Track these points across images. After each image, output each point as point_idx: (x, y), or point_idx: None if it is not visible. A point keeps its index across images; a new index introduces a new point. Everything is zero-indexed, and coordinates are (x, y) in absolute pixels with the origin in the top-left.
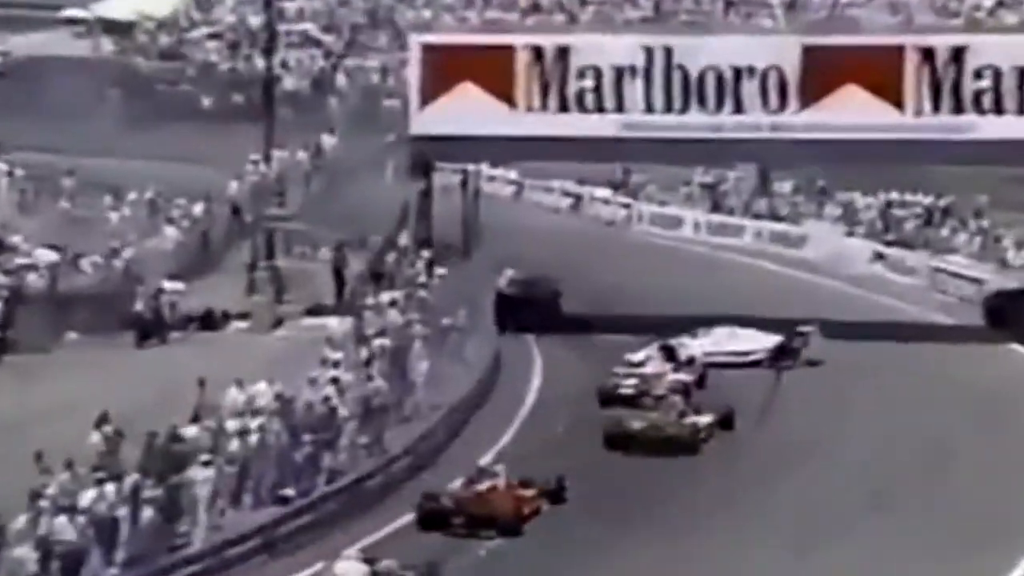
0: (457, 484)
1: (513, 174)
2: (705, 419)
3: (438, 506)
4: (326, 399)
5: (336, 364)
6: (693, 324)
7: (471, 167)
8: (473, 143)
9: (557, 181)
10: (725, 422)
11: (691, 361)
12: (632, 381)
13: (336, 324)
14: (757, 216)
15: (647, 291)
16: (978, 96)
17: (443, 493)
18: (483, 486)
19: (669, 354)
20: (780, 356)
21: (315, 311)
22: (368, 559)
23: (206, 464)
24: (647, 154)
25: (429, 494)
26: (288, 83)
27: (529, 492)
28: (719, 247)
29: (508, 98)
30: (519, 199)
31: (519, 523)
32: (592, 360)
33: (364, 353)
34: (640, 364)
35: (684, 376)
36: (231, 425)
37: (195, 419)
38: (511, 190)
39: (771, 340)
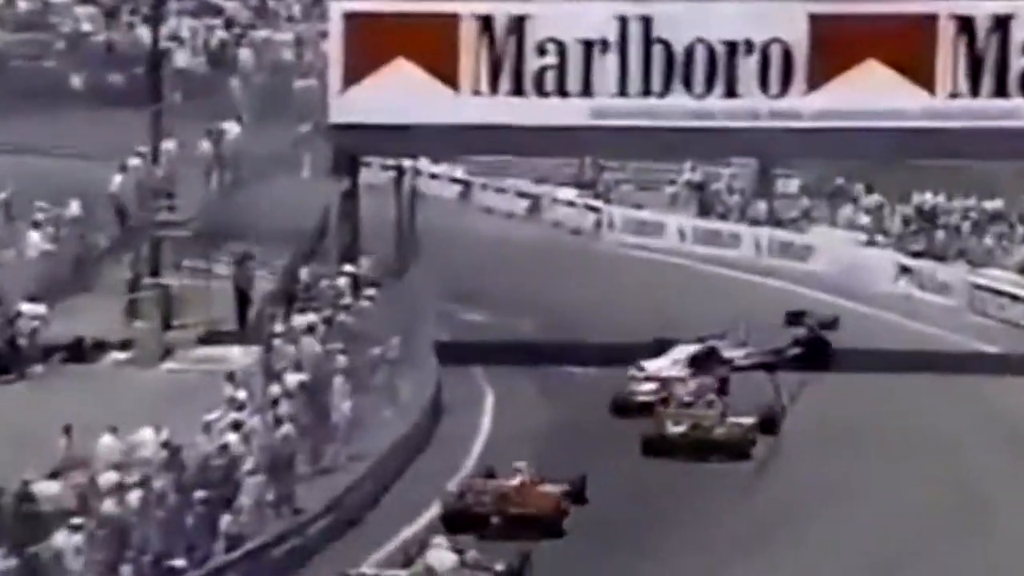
0: (475, 479)
1: (458, 171)
2: (748, 420)
3: (471, 504)
4: (225, 448)
5: (238, 405)
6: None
7: (406, 163)
8: (408, 133)
9: (511, 180)
10: (767, 424)
11: (722, 362)
12: (650, 387)
13: (238, 355)
14: (755, 222)
15: (619, 315)
16: None
17: (474, 489)
18: (513, 481)
19: (704, 357)
20: (813, 351)
21: (212, 339)
22: (457, 549)
23: (75, 529)
24: (621, 147)
25: (459, 491)
26: (180, 59)
27: (555, 489)
28: (709, 259)
29: (451, 79)
30: (465, 202)
31: (560, 522)
32: (557, 396)
33: (273, 391)
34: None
35: (708, 379)
36: (105, 480)
37: (54, 474)
38: (455, 191)
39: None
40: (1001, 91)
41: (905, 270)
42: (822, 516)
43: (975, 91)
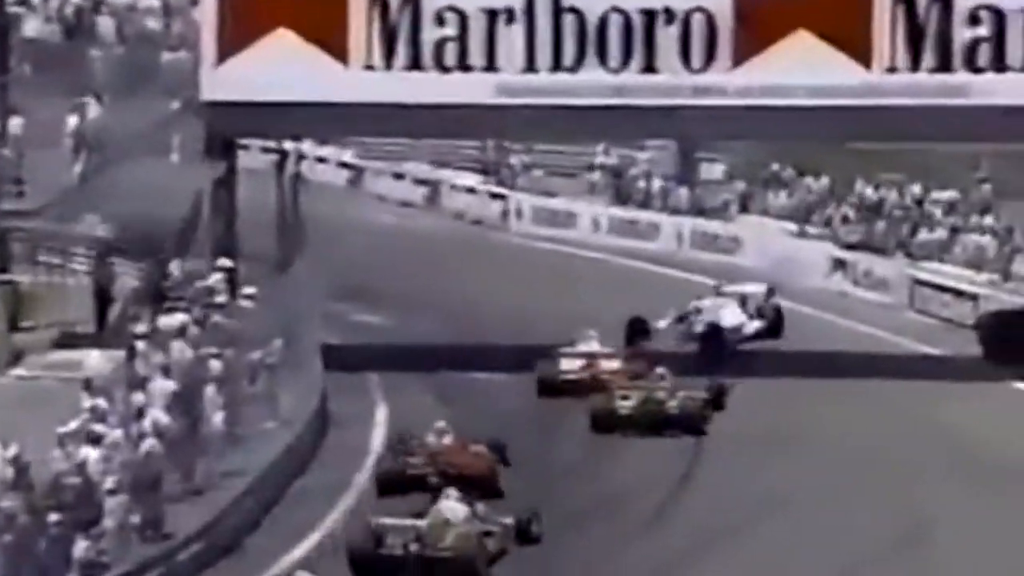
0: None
1: (347, 155)
2: (699, 395)
3: (406, 464)
4: (82, 465)
5: (98, 416)
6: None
7: (289, 145)
8: (291, 113)
9: (408, 164)
10: (717, 401)
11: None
12: (578, 363)
13: (98, 360)
14: (676, 211)
15: (527, 314)
16: (972, 48)
17: (408, 446)
18: (446, 440)
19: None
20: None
21: (68, 342)
22: (467, 500)
23: None
24: (528, 127)
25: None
26: (30, 27)
27: (482, 449)
28: (626, 252)
29: (339, 51)
30: (356, 189)
31: (496, 482)
32: (459, 405)
33: (137, 400)
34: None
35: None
36: None
37: None
38: (345, 177)
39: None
40: (944, 65)
41: (840, 264)
42: (748, 534)
43: (915, 65)
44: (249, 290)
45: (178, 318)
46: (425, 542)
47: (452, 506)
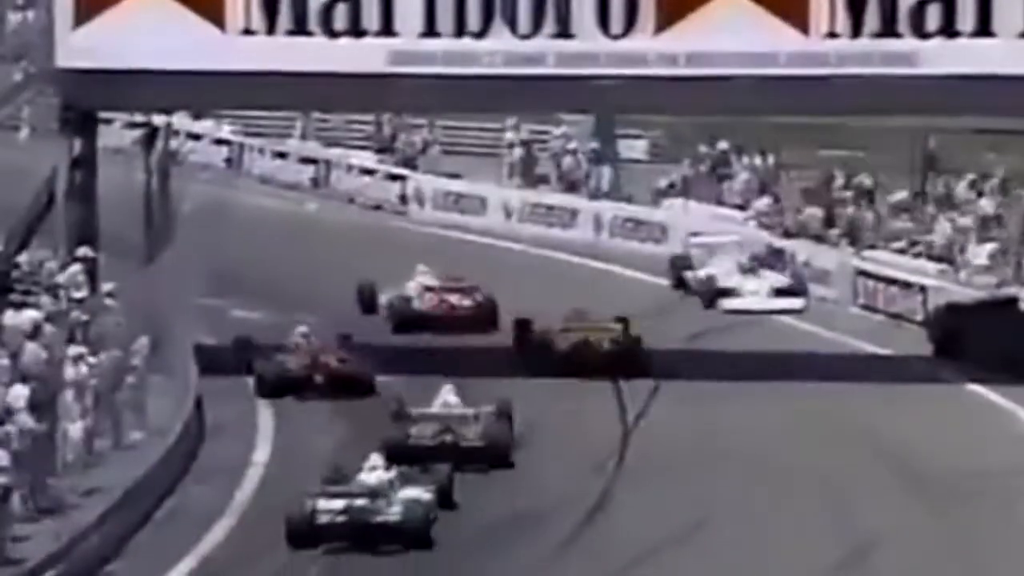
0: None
1: (225, 131)
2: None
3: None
4: None
5: None
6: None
7: (158, 120)
8: (160, 83)
9: (293, 142)
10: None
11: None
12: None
13: None
14: (596, 195)
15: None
16: (919, 11)
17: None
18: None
19: None
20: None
21: None
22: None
23: None
24: (428, 100)
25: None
26: None
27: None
28: (541, 241)
29: (214, 14)
30: (235, 169)
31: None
32: (353, 412)
33: None
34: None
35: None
36: None
37: None
38: (222, 156)
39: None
40: (889, 31)
41: (775, 253)
42: (664, 563)
43: (857, 30)
44: (111, 284)
45: (29, 315)
46: (456, 431)
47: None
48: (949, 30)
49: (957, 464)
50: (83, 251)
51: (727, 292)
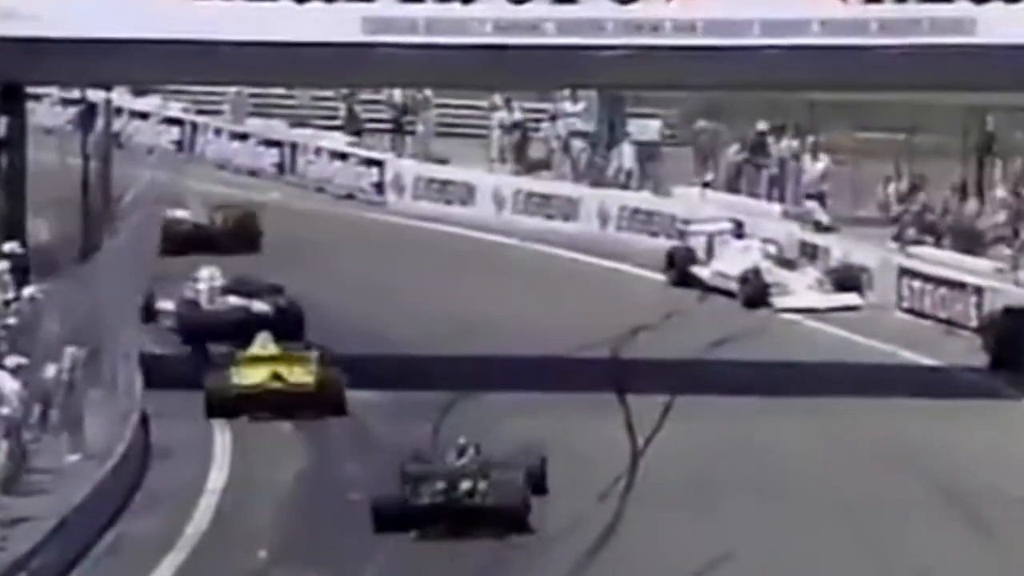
0: None
1: (176, 109)
2: None
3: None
4: None
5: None
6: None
7: (96, 95)
8: (100, 52)
9: (255, 121)
10: None
11: None
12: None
13: None
14: (600, 183)
15: (402, 318)
16: None
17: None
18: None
19: None
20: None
21: None
22: None
23: None
24: (408, 73)
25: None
26: None
27: None
28: (537, 236)
29: None
30: (187, 152)
31: None
32: (317, 433)
33: None
34: None
35: None
36: None
37: None
38: (172, 137)
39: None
40: None
41: (810, 250)
42: None
43: None
44: (40, 286)
45: None
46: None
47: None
48: None
49: (1017, 491)
50: (10, 247)
51: (768, 289)
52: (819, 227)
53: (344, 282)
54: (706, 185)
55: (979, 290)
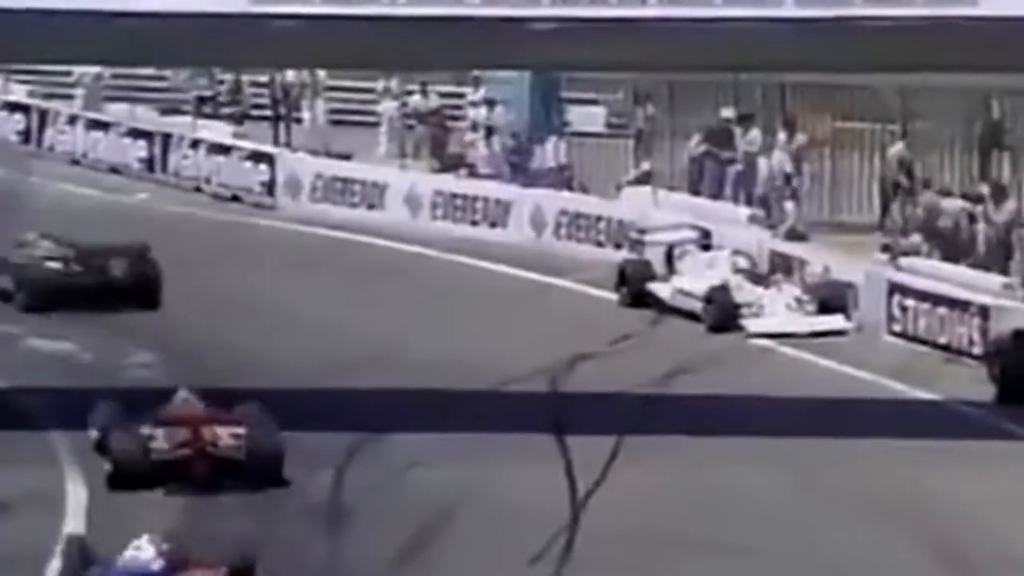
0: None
1: (20, 92)
2: None
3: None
4: None
5: None
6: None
7: None
8: None
9: (119, 107)
10: None
11: None
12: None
13: None
14: (532, 182)
15: (290, 345)
16: None
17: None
18: None
19: None
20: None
21: None
22: None
23: None
24: (300, 52)
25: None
26: None
27: None
28: (460, 246)
29: None
30: (34, 145)
31: None
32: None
33: None
34: None
35: None
36: None
37: None
38: (17, 126)
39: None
40: None
41: (781, 262)
42: None
43: None
44: None
45: None
46: None
47: None
48: None
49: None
50: None
51: (738, 310)
52: (793, 235)
53: (225, 306)
54: (647, 177)
55: (984, 310)
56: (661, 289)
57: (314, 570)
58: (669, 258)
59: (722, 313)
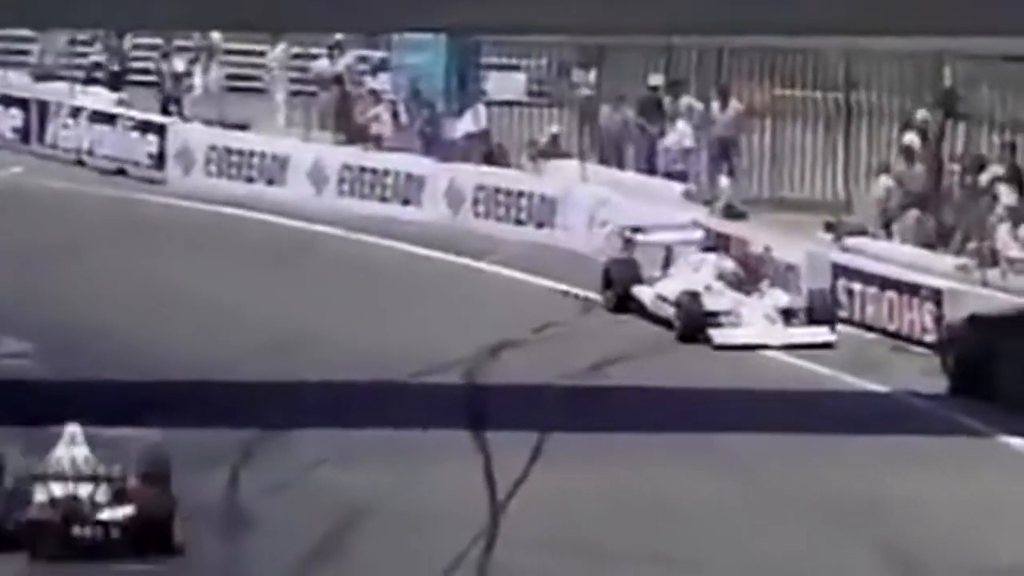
0: None
1: None
2: None
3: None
4: None
5: None
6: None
7: None
8: None
9: None
10: None
11: None
12: None
13: None
14: (448, 155)
15: (179, 333)
16: None
17: None
18: None
19: None
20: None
21: None
22: None
23: None
24: (191, 10)
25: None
26: None
27: None
28: (369, 224)
29: None
30: None
31: None
32: None
33: None
34: None
35: None
36: None
37: None
38: None
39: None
40: None
41: (720, 241)
42: None
43: None
44: None
45: None
46: None
47: None
48: None
49: (988, 558)
50: None
51: (714, 318)
52: (731, 212)
53: (110, 290)
54: (555, 139)
55: (937, 294)
56: (644, 293)
57: None
58: (667, 261)
59: (690, 320)
